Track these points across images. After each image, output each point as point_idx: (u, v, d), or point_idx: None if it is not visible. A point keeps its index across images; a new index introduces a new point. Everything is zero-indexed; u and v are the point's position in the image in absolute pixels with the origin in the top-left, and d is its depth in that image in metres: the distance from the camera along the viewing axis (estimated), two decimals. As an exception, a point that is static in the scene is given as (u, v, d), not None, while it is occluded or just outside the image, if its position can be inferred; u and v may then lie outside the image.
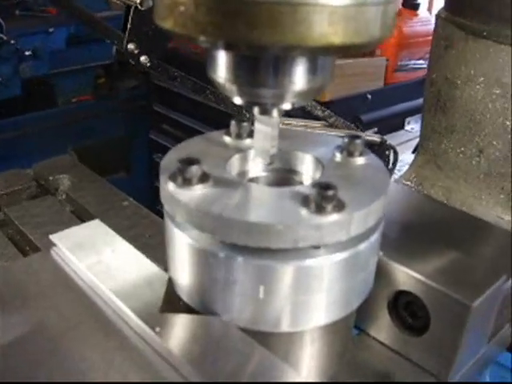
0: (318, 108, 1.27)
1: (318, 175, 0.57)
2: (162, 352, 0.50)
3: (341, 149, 0.59)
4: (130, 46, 1.01)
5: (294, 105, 0.53)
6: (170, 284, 0.57)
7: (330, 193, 0.47)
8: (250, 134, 0.61)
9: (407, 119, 2.57)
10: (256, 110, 0.54)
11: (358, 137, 0.59)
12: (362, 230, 0.50)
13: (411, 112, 2.54)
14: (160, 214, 1.17)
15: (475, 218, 0.78)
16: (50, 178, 1.34)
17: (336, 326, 0.57)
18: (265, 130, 0.55)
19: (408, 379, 0.62)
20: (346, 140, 0.59)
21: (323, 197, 0.47)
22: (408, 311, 0.62)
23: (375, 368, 0.63)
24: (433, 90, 1.38)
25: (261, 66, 0.49)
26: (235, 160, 0.58)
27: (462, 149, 1.29)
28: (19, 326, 0.55)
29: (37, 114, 2.93)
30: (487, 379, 0.78)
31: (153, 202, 1.46)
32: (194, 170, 0.50)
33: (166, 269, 0.59)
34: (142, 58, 1.03)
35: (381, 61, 2.47)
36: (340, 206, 0.48)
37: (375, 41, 0.48)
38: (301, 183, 0.60)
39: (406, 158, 1.77)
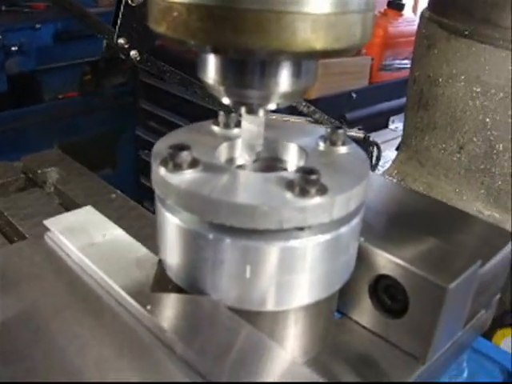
0: (304, 104, 1.30)
1: (302, 163, 0.60)
2: (153, 329, 0.53)
3: (324, 138, 0.61)
4: (121, 41, 1.03)
5: (279, 105, 0.56)
6: (161, 266, 0.59)
7: (314, 177, 0.50)
8: (238, 124, 0.63)
9: (391, 118, 2.61)
10: (243, 109, 0.57)
11: (340, 127, 0.62)
12: (344, 214, 0.53)
13: (395, 111, 2.58)
14: (147, 209, 1.18)
15: (455, 208, 0.81)
16: (39, 171, 1.35)
17: (319, 308, 0.60)
18: (251, 129, 0.59)
19: (388, 361, 0.64)
20: (329, 130, 0.61)
21: (307, 181, 0.50)
22: (387, 294, 0.65)
23: (356, 350, 0.66)
24: (415, 89, 1.42)
25: (248, 69, 0.52)
26: (223, 148, 0.60)
27: (444, 145, 1.33)
28: (12, 308, 0.56)
29: (23, 110, 2.93)
30: (464, 365, 0.81)
31: (139, 197, 1.48)
32: (185, 155, 0.53)
33: (156, 253, 0.61)
34: (132, 53, 1.05)
35: (366, 60, 2.50)
36: (323, 190, 0.51)
37: (355, 46, 0.51)
38: (285, 170, 0.62)
39: (390, 154, 1.81)
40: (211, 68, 0.54)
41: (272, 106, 0.55)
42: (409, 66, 2.66)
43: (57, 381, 0.49)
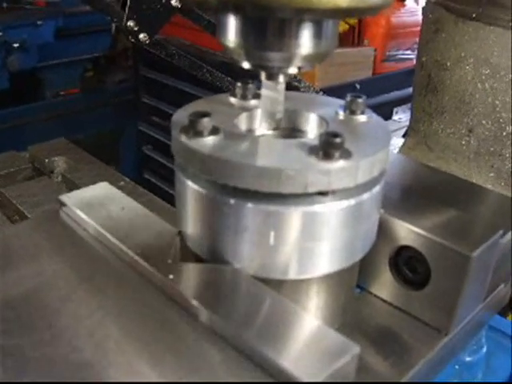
0: (312, 89, 1.30)
1: (322, 132, 0.59)
2: (176, 298, 0.52)
3: (343, 108, 0.61)
4: (130, 24, 1.03)
5: (300, 69, 0.55)
6: (180, 238, 0.58)
7: (338, 140, 0.49)
8: (255, 96, 0.62)
9: (395, 109, 2.61)
10: (263, 75, 0.56)
11: (359, 96, 0.61)
12: (368, 179, 0.52)
13: (399, 102, 2.58)
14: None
15: (470, 182, 0.80)
16: (46, 160, 1.34)
17: (341, 278, 0.59)
18: (271, 96, 0.58)
19: (410, 334, 0.63)
20: (348, 100, 0.61)
21: (331, 144, 0.49)
22: (408, 267, 0.64)
23: (378, 324, 0.65)
24: (423, 74, 1.41)
25: (269, 30, 0.52)
26: (243, 118, 0.60)
27: (452, 129, 1.32)
28: (34, 278, 0.56)
29: (24, 107, 2.92)
30: (483, 340, 0.80)
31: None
32: (205, 122, 0.52)
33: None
34: (141, 36, 1.04)
35: (369, 51, 2.50)
36: (347, 154, 0.50)
37: (378, 6, 0.50)
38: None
39: (396, 142, 1.80)
40: (231, 30, 0.53)
41: (293, 70, 0.54)
42: (412, 56, 2.67)
43: (81, 349, 0.48)
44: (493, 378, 0.80)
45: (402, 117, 2.59)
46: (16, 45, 2.81)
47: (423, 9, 1.47)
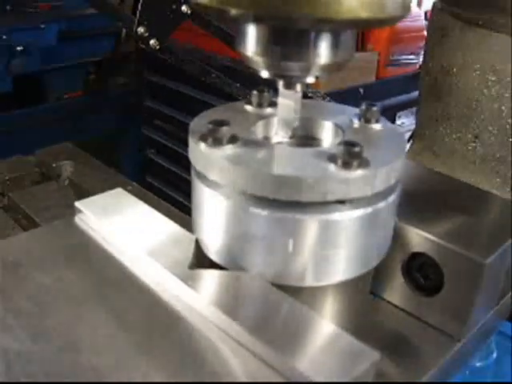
0: (319, 95, 1.31)
1: (338, 140, 0.60)
2: (194, 304, 0.52)
3: (358, 116, 0.62)
4: (140, 29, 1.03)
5: (318, 78, 0.56)
6: (197, 245, 0.59)
7: (356, 149, 0.50)
8: (271, 104, 0.63)
9: (398, 114, 2.61)
10: (280, 83, 0.57)
11: (374, 104, 0.62)
12: (385, 187, 0.53)
13: (402, 106, 2.58)
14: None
15: (477, 188, 0.81)
16: (53, 164, 1.35)
17: (356, 284, 0.60)
18: (288, 104, 0.58)
19: (423, 340, 0.64)
20: (363, 108, 0.61)
21: (349, 153, 0.50)
22: (421, 273, 0.65)
23: (391, 329, 0.65)
24: (429, 79, 1.42)
25: (288, 40, 0.52)
26: (259, 126, 0.60)
27: (458, 135, 1.33)
28: (48, 286, 0.56)
29: (28, 110, 2.92)
30: (493, 346, 0.81)
31: (145, 197, 1.46)
32: (225, 130, 0.53)
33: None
34: (152, 42, 1.05)
35: (373, 55, 2.51)
36: (365, 163, 0.51)
37: (396, 17, 0.51)
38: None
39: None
40: (251, 40, 0.53)
41: (310, 80, 0.55)
42: (415, 61, 2.68)
43: (99, 356, 0.48)
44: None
45: (405, 121, 2.60)
46: (19, 48, 2.81)
47: (427, 14, 1.48)
